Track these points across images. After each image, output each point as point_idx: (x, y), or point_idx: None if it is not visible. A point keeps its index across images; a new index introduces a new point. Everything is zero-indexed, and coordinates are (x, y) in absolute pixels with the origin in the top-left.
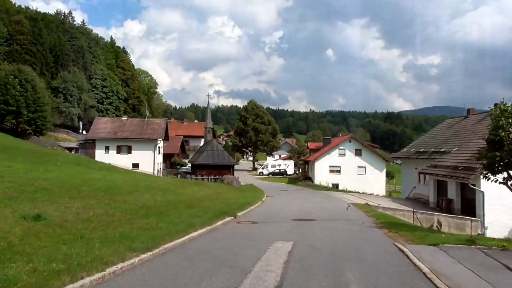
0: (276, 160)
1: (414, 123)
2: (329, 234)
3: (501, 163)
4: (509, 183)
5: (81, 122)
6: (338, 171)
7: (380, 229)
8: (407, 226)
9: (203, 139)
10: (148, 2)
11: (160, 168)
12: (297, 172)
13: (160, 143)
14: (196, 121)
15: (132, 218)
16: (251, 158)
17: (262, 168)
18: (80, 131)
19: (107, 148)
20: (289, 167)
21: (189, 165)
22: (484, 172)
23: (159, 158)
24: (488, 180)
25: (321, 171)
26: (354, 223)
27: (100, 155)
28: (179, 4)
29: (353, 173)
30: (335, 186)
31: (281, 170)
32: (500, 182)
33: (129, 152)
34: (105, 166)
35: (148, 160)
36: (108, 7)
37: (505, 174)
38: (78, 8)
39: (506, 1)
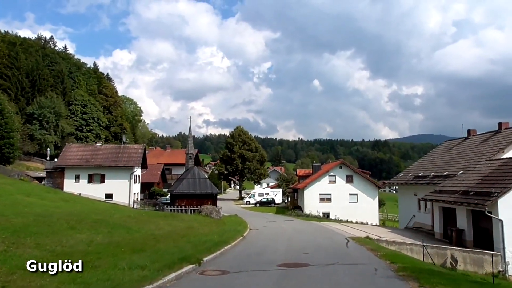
0: (264, 188)
1: (401, 150)
2: None
3: None
4: None
5: (49, 149)
6: (329, 199)
7: (405, 281)
8: (439, 273)
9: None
10: (138, 33)
11: (136, 199)
12: (286, 201)
13: (138, 171)
14: (182, 149)
15: (17, 279)
16: (238, 187)
17: (249, 197)
18: (48, 158)
19: (77, 177)
20: (277, 195)
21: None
22: None
23: (136, 187)
24: None
25: (311, 199)
26: (363, 270)
27: (70, 184)
28: (169, 35)
29: (345, 201)
30: (326, 215)
31: (269, 199)
32: None
33: (102, 181)
34: (65, 197)
35: (123, 190)
36: (97, 37)
37: None
38: (66, 37)
39: (483, 35)
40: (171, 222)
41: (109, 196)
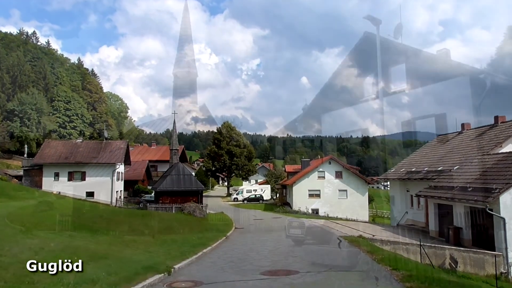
0: (252, 185)
1: (389, 147)
2: None
3: None
4: None
5: (26, 146)
6: (318, 195)
7: None
8: (451, 283)
9: None
10: (124, 29)
11: (120, 197)
12: (275, 198)
13: (121, 168)
14: (169, 145)
15: None
16: (226, 184)
17: (237, 194)
18: (25, 155)
19: (56, 175)
20: (266, 192)
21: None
22: None
23: (119, 185)
24: None
25: (300, 196)
26: (361, 279)
27: (48, 183)
28: (156, 31)
29: (334, 197)
30: (315, 212)
31: (257, 196)
32: None
33: (83, 179)
34: (39, 196)
35: (105, 188)
36: (83, 33)
37: None
38: (52, 34)
39: (469, 34)
40: (148, 222)
41: (90, 194)
